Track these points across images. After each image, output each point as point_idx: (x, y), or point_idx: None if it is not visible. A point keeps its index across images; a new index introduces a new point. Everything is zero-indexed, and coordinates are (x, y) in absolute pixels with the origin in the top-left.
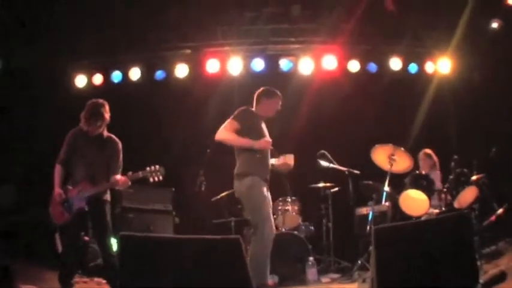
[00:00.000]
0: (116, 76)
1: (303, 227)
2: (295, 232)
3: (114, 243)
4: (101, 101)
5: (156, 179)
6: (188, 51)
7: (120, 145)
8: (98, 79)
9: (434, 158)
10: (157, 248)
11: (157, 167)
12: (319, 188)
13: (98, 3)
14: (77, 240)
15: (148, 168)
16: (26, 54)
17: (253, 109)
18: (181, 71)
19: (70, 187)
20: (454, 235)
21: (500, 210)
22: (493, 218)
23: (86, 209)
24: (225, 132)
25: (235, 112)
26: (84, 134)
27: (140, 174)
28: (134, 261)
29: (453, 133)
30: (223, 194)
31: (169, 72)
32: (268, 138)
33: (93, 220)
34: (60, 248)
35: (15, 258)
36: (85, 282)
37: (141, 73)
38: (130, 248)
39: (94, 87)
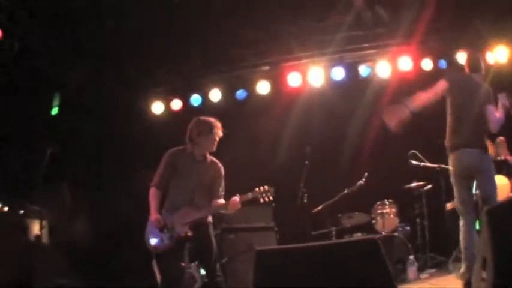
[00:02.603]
0: (195, 99)
1: (400, 228)
2: (396, 234)
3: None
4: (212, 119)
5: (266, 199)
6: (267, 67)
7: (223, 169)
8: (176, 104)
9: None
10: (294, 259)
11: (266, 187)
12: (412, 187)
13: (171, 28)
14: (180, 267)
15: (257, 189)
16: (101, 83)
17: None
18: (263, 87)
19: (168, 212)
20: None
21: None
22: None
23: (190, 234)
24: None
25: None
26: (187, 156)
27: (250, 195)
28: (270, 276)
29: None
30: (324, 204)
31: (251, 90)
32: None
33: (198, 244)
34: (159, 277)
35: None
36: None
37: (222, 94)
38: (265, 263)
39: (173, 112)
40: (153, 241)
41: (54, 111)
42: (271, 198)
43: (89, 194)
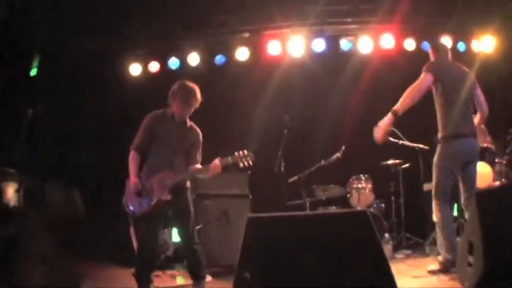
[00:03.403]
0: (173, 63)
1: (375, 205)
2: (371, 210)
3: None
4: (193, 84)
5: (246, 164)
6: (247, 34)
7: (201, 136)
8: (154, 66)
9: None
10: (282, 227)
11: (245, 151)
12: (389, 165)
13: None
14: (158, 232)
15: (237, 153)
16: (79, 43)
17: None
18: (242, 54)
19: (147, 176)
20: None
21: None
22: None
23: (169, 198)
24: None
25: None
26: (167, 119)
27: (230, 159)
28: (259, 242)
29: (497, 108)
30: (299, 174)
31: (230, 56)
32: None
33: (177, 209)
34: (135, 243)
35: (82, 258)
36: (157, 275)
37: (200, 58)
38: (255, 229)
39: (150, 75)
40: (132, 205)
41: (33, 72)
42: (250, 163)
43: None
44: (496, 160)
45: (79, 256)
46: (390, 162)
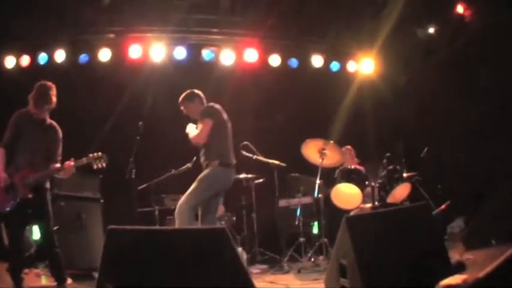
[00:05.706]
0: (42, 58)
1: (226, 217)
2: (222, 222)
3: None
4: (49, 83)
5: (99, 165)
6: (112, 35)
7: (61, 133)
8: (25, 60)
9: (354, 154)
10: (143, 240)
11: (100, 153)
12: (241, 179)
13: None
14: (23, 230)
15: (91, 155)
16: None
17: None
18: (104, 55)
19: (11, 174)
20: (422, 222)
21: (442, 206)
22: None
23: (30, 196)
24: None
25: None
26: (29, 117)
27: (84, 160)
28: (119, 254)
29: (370, 131)
30: (149, 182)
31: (93, 56)
32: None
33: (36, 209)
34: (7, 241)
35: None
36: (25, 273)
37: (66, 56)
38: (115, 241)
39: (21, 68)
40: None
41: None
42: (104, 165)
43: None
44: (367, 183)
45: None
46: (242, 176)
